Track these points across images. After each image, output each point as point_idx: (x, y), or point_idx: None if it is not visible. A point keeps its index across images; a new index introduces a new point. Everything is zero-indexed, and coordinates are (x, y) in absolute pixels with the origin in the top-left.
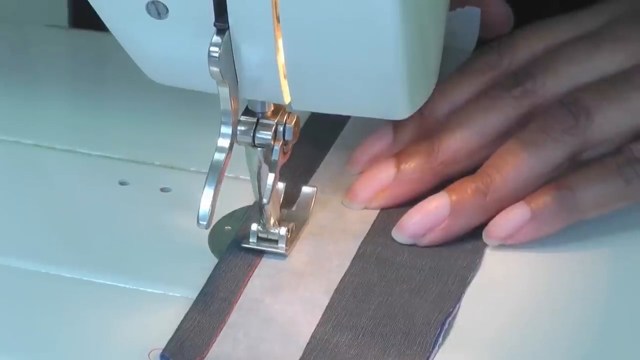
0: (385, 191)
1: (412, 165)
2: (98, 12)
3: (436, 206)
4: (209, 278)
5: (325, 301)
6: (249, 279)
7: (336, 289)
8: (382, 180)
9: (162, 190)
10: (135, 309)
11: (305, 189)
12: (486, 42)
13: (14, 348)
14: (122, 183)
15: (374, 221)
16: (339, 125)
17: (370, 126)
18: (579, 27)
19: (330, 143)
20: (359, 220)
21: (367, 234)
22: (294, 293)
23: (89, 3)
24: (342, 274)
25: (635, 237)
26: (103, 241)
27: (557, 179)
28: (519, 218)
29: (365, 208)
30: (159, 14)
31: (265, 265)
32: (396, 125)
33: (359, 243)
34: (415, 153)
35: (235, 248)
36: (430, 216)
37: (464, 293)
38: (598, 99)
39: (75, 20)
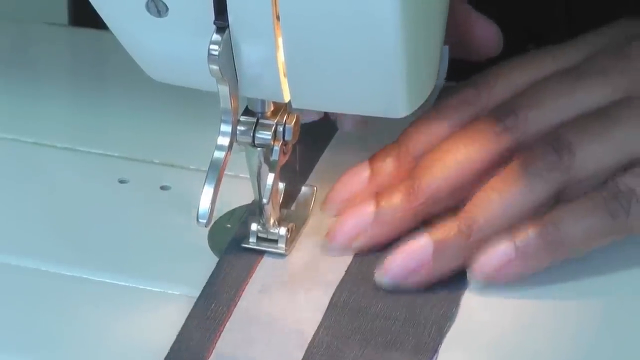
0: (364, 233)
1: (391, 206)
2: (98, 11)
3: (419, 248)
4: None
5: (299, 356)
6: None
7: (309, 343)
8: (361, 222)
9: (162, 188)
10: (134, 307)
11: (305, 189)
12: (475, 65)
13: (13, 346)
14: (121, 181)
15: (347, 269)
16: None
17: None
18: (560, 61)
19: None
20: (331, 269)
21: (340, 282)
22: (266, 348)
23: (88, 1)
24: (316, 327)
25: (624, 273)
26: (102, 239)
27: (542, 215)
28: (504, 255)
29: (345, 251)
30: (158, 12)
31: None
32: (373, 161)
33: (331, 293)
34: (395, 193)
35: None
36: (413, 258)
37: (440, 344)
38: (581, 135)
39: (75, 18)
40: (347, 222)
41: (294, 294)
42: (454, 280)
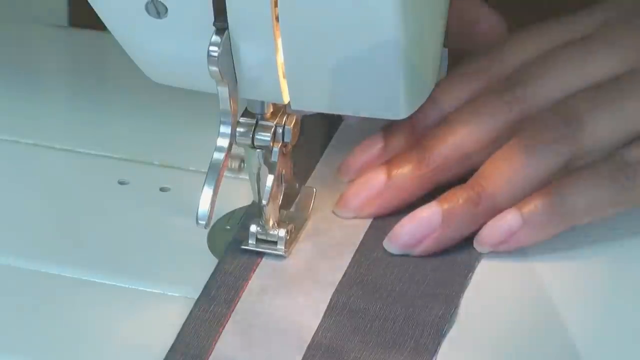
0: (376, 199)
1: (403, 173)
2: (97, 12)
3: (428, 215)
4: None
5: (298, 357)
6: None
7: (308, 346)
8: (373, 188)
9: (162, 189)
10: (134, 308)
11: (304, 190)
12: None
13: (12, 347)
14: (121, 182)
15: (346, 270)
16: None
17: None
18: (570, 31)
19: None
20: (331, 271)
21: (339, 283)
22: (265, 349)
23: (88, 2)
24: (314, 329)
25: (630, 244)
26: (102, 241)
27: (548, 185)
28: (510, 224)
29: (356, 217)
30: (158, 13)
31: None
32: (387, 132)
33: (330, 294)
34: (406, 160)
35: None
36: (422, 225)
37: (439, 345)
38: (590, 106)
39: (75, 19)
40: (359, 188)
41: (293, 295)
42: (453, 281)
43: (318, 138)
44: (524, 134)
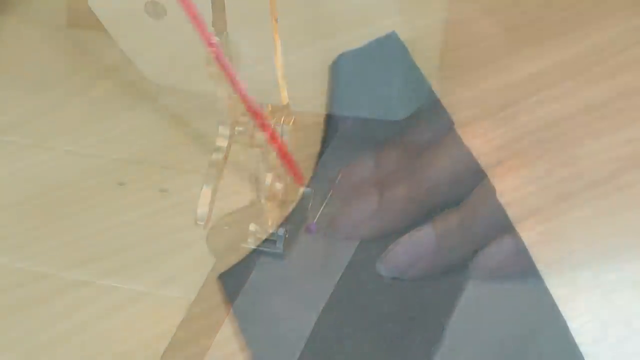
0: (368, 221)
1: (394, 195)
2: (96, 13)
3: (421, 238)
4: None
5: (295, 356)
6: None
7: (306, 345)
8: (365, 210)
9: (161, 190)
10: (133, 309)
11: (303, 190)
12: None
13: (11, 348)
14: (120, 183)
15: (332, 292)
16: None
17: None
18: (564, 52)
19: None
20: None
21: (325, 306)
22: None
23: (87, 3)
24: (300, 351)
25: (622, 266)
26: (101, 241)
27: (545, 209)
28: (507, 251)
29: (348, 239)
30: (157, 14)
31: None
32: (378, 151)
33: (316, 316)
34: (398, 182)
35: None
36: (415, 248)
37: None
38: (586, 130)
39: (74, 19)
40: (350, 210)
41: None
42: (441, 303)
43: (318, 138)
44: (517, 157)
